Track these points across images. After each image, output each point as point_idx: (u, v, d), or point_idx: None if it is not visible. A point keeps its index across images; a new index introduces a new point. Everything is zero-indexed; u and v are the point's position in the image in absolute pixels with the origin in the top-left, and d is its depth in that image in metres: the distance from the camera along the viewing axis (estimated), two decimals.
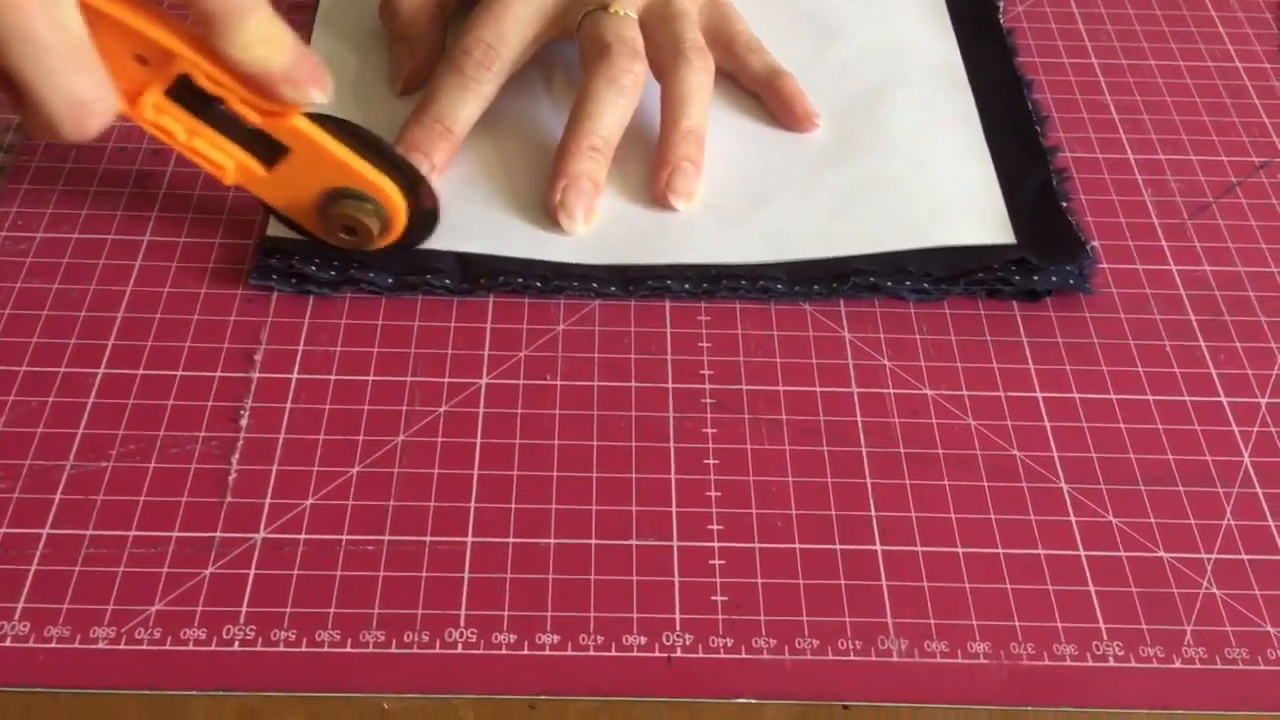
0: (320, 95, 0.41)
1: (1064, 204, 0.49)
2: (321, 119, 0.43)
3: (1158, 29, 0.59)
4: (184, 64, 0.40)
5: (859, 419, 0.43)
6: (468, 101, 0.49)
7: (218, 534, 0.39)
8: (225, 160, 0.43)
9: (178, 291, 0.46)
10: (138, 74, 0.40)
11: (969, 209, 0.49)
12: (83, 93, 0.39)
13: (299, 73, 0.40)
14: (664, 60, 0.50)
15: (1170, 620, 0.38)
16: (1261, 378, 0.45)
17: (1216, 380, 0.45)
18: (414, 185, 0.44)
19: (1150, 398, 0.44)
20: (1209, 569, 0.39)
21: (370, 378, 0.43)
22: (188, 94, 0.41)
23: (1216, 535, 0.40)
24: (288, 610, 0.37)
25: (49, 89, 0.38)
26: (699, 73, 0.50)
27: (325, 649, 0.36)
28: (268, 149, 0.43)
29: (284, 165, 0.43)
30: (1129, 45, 0.58)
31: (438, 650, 0.37)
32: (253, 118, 0.41)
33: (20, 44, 0.37)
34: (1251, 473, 0.42)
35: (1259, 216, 0.51)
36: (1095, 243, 0.49)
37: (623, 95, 0.48)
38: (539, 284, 0.46)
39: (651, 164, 0.49)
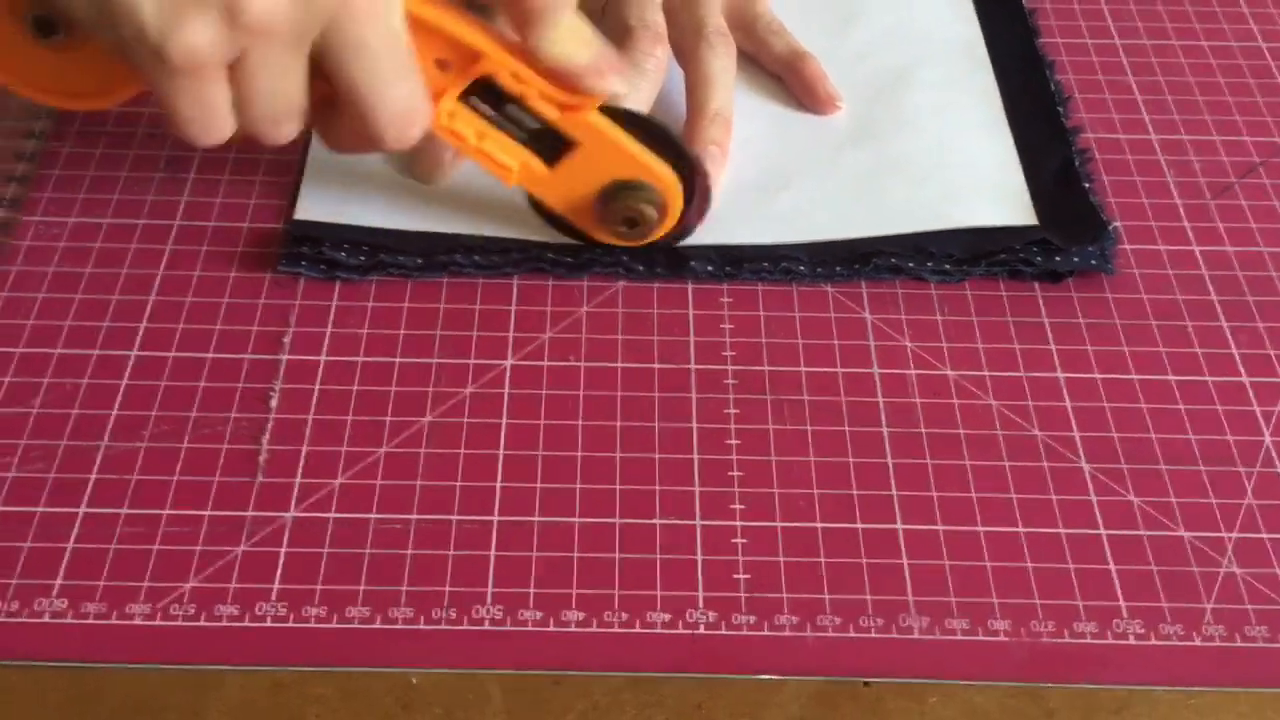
0: (622, 85, 0.42)
1: (1086, 185, 0.49)
2: (607, 111, 0.43)
3: (1181, 9, 0.59)
4: (489, 64, 0.40)
5: (880, 399, 0.43)
6: None
7: (249, 513, 0.40)
8: (511, 161, 0.43)
9: (208, 275, 0.46)
10: (435, 79, 0.41)
11: (990, 190, 0.49)
12: (407, 101, 0.39)
13: (603, 64, 0.41)
14: (687, 45, 0.50)
15: (1190, 599, 0.38)
16: None
17: (1238, 360, 0.45)
18: (691, 174, 0.45)
19: (1172, 378, 0.44)
20: (1230, 548, 0.40)
21: (397, 359, 0.44)
22: (479, 97, 0.42)
23: (1237, 514, 0.40)
24: (318, 587, 0.38)
25: (378, 99, 0.38)
26: (722, 57, 0.50)
27: (355, 625, 0.37)
28: (549, 148, 0.43)
29: (567, 162, 0.43)
30: (1152, 25, 0.58)
31: (465, 626, 0.37)
32: (550, 113, 0.42)
33: (357, 53, 0.37)
34: (1273, 452, 0.42)
35: None
36: (1117, 223, 0.49)
37: (645, 79, 0.49)
38: (564, 268, 0.46)
39: None
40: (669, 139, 0.44)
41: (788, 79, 0.54)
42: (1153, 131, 0.53)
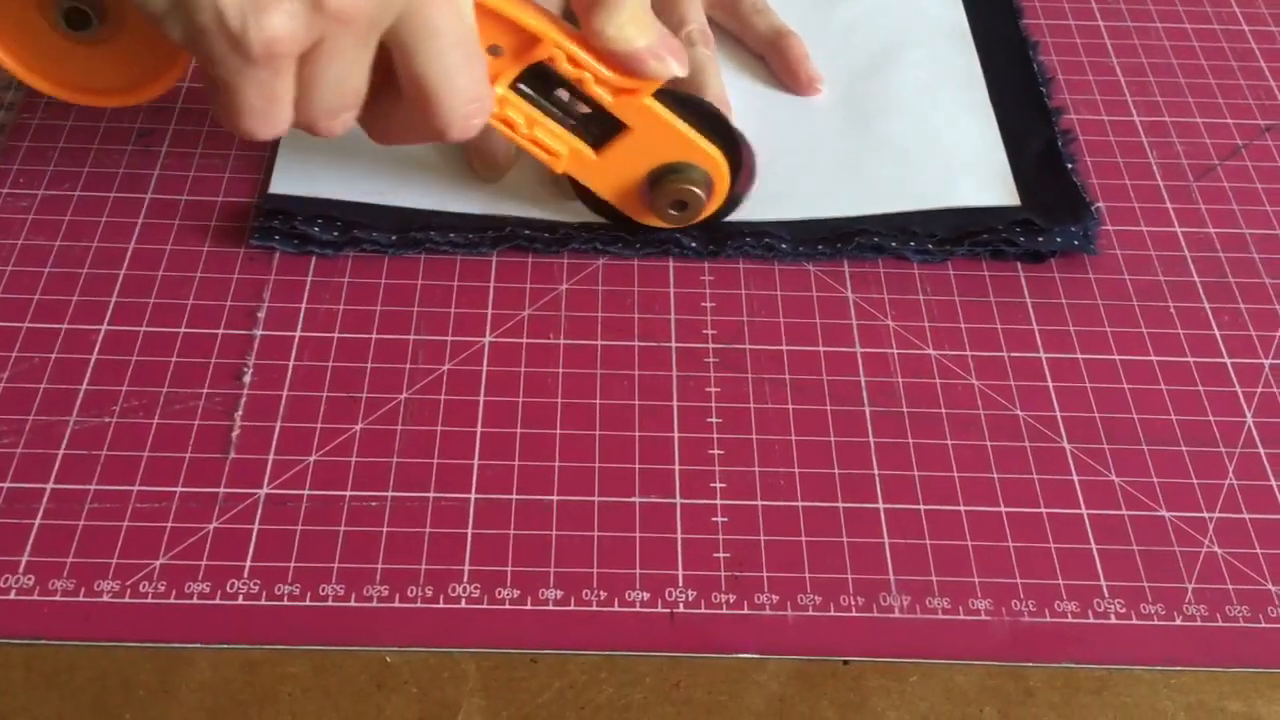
0: (680, 69, 0.41)
1: (1069, 165, 0.49)
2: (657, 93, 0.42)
3: None
4: (547, 49, 0.40)
5: (862, 379, 0.43)
6: None
7: (221, 489, 0.39)
8: (561, 148, 0.43)
9: (180, 249, 0.46)
10: (489, 66, 0.40)
11: (974, 170, 0.49)
12: (474, 89, 0.38)
13: (662, 48, 0.40)
14: None
15: (1172, 578, 0.38)
16: (1265, 339, 0.45)
17: (1220, 341, 0.45)
18: (738, 151, 0.44)
19: (1154, 358, 0.44)
20: (1211, 528, 0.39)
21: (373, 336, 0.43)
22: (526, 84, 0.41)
23: (1218, 495, 0.40)
24: (291, 565, 0.37)
25: (447, 88, 0.37)
26: (703, 50, 0.50)
27: (329, 603, 0.37)
28: (596, 134, 0.43)
29: (615, 146, 0.43)
30: (1135, 7, 0.58)
31: (441, 605, 0.37)
32: (605, 98, 0.41)
33: (429, 41, 0.36)
34: (1254, 433, 0.42)
35: (1264, 179, 0.50)
36: (1100, 204, 0.49)
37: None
38: (540, 245, 0.46)
39: None
40: (716, 117, 0.44)
41: (770, 59, 0.53)
42: (1135, 113, 0.53)
